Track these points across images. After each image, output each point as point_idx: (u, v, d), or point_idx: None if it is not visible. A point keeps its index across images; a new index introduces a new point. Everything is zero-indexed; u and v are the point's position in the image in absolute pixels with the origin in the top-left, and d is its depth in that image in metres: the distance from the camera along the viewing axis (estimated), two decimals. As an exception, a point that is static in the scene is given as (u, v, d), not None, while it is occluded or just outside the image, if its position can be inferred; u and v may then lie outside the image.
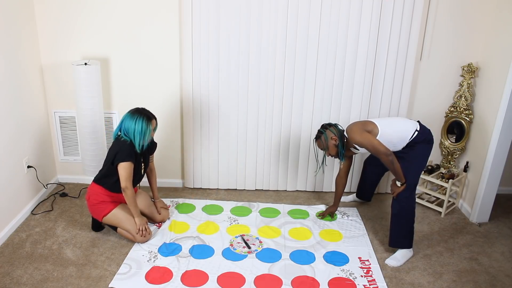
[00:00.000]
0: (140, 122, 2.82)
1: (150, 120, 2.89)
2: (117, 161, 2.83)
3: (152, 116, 2.92)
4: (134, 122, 2.82)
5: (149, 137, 2.92)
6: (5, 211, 3.02)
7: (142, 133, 2.84)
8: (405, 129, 2.88)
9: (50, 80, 3.51)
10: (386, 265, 2.86)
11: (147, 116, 2.87)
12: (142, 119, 2.84)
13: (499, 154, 3.23)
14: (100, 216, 2.95)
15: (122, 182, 2.84)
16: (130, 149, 2.84)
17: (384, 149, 2.79)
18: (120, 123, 2.89)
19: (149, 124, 2.87)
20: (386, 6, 3.24)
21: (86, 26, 3.34)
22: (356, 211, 3.53)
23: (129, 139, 2.86)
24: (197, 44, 3.32)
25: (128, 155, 2.83)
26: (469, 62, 3.44)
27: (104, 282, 2.61)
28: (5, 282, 2.57)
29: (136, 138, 2.84)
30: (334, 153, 3.10)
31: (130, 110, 2.90)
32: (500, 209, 3.61)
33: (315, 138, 3.16)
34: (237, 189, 3.83)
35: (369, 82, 3.44)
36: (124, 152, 2.83)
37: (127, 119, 2.86)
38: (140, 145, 2.87)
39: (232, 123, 3.58)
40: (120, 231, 2.98)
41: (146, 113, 2.89)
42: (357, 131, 2.85)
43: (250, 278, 2.68)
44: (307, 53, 3.35)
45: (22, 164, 3.23)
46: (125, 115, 2.88)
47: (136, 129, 2.82)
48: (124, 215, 2.95)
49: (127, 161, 2.83)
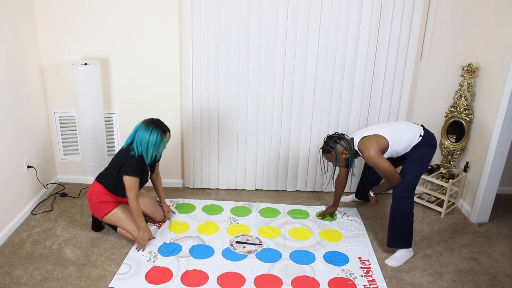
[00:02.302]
0: (155, 135, 2.79)
1: (165, 133, 2.86)
2: (123, 173, 2.82)
3: (167, 129, 2.89)
4: (149, 134, 2.78)
5: (162, 149, 2.91)
6: (5, 211, 3.02)
7: (155, 146, 2.81)
8: (411, 137, 2.87)
9: (50, 80, 3.51)
10: (386, 265, 2.86)
11: (162, 129, 2.84)
12: (157, 132, 2.80)
13: (499, 154, 3.23)
14: (101, 215, 2.95)
15: (127, 192, 2.84)
16: (137, 164, 2.83)
17: (398, 178, 2.80)
18: (134, 133, 2.85)
19: (163, 137, 2.84)
20: (386, 6, 3.24)
21: (86, 26, 3.34)
22: (356, 211, 3.53)
23: (138, 152, 2.82)
24: (197, 44, 3.32)
25: (134, 171, 2.82)
26: (469, 62, 3.44)
27: (104, 282, 2.61)
28: (5, 282, 2.57)
29: (149, 150, 2.81)
30: (344, 165, 3.10)
31: (145, 120, 2.86)
32: (500, 209, 3.61)
33: (322, 150, 3.06)
34: (237, 189, 3.83)
35: (369, 82, 3.44)
36: (130, 167, 2.81)
37: (141, 129, 2.81)
38: (152, 157, 2.86)
39: (232, 123, 3.58)
40: (120, 231, 2.98)
41: (161, 126, 2.85)
42: (375, 156, 2.79)
43: (250, 278, 2.68)
44: (307, 53, 3.35)
45: (22, 164, 3.23)
46: (139, 125, 2.84)
47: (150, 141, 2.79)
48: (125, 215, 2.94)
49: (133, 176, 2.82)
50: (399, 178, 2.81)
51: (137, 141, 2.83)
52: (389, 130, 2.91)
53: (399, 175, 2.82)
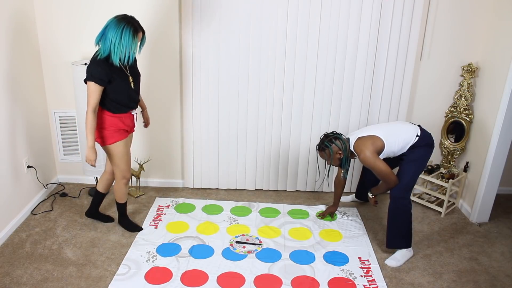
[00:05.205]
0: (127, 33, 2.50)
1: (137, 32, 2.55)
2: (85, 78, 2.58)
3: (140, 28, 2.59)
4: (119, 32, 2.48)
5: (134, 51, 2.61)
6: (5, 211, 3.02)
7: (126, 46, 2.53)
8: (407, 137, 2.87)
9: (50, 80, 3.51)
10: (386, 265, 2.86)
11: (135, 27, 2.53)
12: (129, 30, 2.50)
13: (499, 154, 3.23)
14: (109, 142, 2.78)
15: (87, 105, 2.59)
16: (99, 67, 2.54)
17: (395, 180, 2.80)
18: (103, 30, 2.54)
19: (135, 36, 2.55)
20: (386, 6, 3.24)
21: (86, 26, 3.33)
22: (356, 211, 3.53)
23: (105, 52, 2.54)
24: (197, 44, 3.33)
25: (92, 75, 2.53)
26: (469, 62, 3.44)
27: (104, 282, 2.61)
28: (5, 282, 2.57)
29: (117, 50, 2.52)
30: (337, 164, 3.09)
31: (117, 16, 2.55)
32: (500, 209, 3.61)
33: (318, 147, 3.05)
34: (237, 189, 3.83)
35: (369, 82, 3.44)
36: (89, 71, 2.55)
37: (111, 26, 2.50)
38: (124, 59, 2.58)
39: (232, 123, 3.58)
40: (110, 164, 2.87)
41: (133, 23, 2.54)
42: (371, 158, 2.79)
43: (250, 278, 2.68)
44: (307, 53, 3.35)
45: (22, 164, 3.23)
46: (110, 21, 2.53)
47: (121, 41, 2.50)
48: (125, 152, 2.85)
49: (91, 82, 2.54)
50: (396, 179, 2.81)
51: (105, 39, 2.53)
52: (384, 130, 2.91)
53: (395, 176, 2.82)
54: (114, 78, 2.63)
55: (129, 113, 2.84)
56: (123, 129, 2.83)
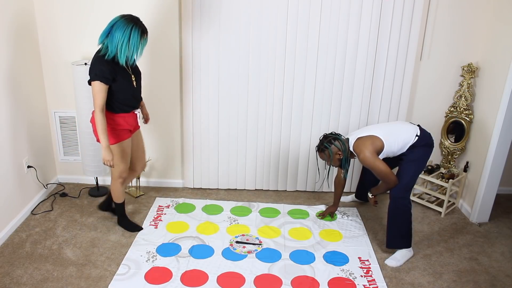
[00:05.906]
0: (135, 34, 2.50)
1: (144, 33, 2.57)
2: (89, 79, 2.58)
3: (146, 30, 2.61)
4: (128, 32, 2.49)
5: (141, 53, 2.63)
6: (5, 211, 3.02)
7: (133, 47, 2.53)
8: (407, 137, 2.87)
9: (50, 80, 3.51)
10: (386, 265, 2.86)
11: (142, 29, 2.55)
12: (137, 31, 2.51)
13: (499, 154, 3.23)
14: (111, 142, 2.76)
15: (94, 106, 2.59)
16: (103, 67, 2.53)
17: (394, 180, 2.80)
18: (109, 29, 2.53)
19: (142, 38, 2.57)
20: (386, 6, 3.24)
21: (86, 26, 3.34)
22: (356, 211, 3.53)
23: (112, 52, 2.55)
24: (197, 44, 3.33)
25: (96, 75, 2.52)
26: (469, 62, 3.44)
27: (104, 282, 2.61)
28: (5, 282, 2.57)
29: (124, 50, 2.52)
30: (337, 165, 3.09)
31: (124, 16, 2.55)
32: (500, 209, 3.61)
33: (317, 149, 3.05)
34: (237, 189, 3.84)
35: (369, 81, 3.44)
36: (93, 70, 2.54)
37: (119, 26, 2.50)
38: (125, 59, 2.57)
39: (232, 123, 3.58)
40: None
41: (141, 25, 2.55)
42: (370, 158, 2.79)
43: (250, 278, 2.68)
44: (307, 52, 3.35)
45: (22, 164, 3.23)
46: (116, 19, 2.52)
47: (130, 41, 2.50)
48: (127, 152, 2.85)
49: (97, 81, 2.53)
50: (395, 179, 2.81)
51: (112, 39, 2.51)
52: (384, 130, 2.91)
53: (395, 176, 2.82)
54: (118, 77, 2.65)
55: (132, 113, 2.86)
56: (127, 129, 2.84)
